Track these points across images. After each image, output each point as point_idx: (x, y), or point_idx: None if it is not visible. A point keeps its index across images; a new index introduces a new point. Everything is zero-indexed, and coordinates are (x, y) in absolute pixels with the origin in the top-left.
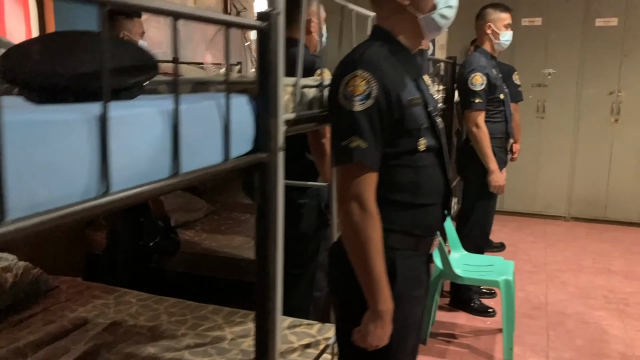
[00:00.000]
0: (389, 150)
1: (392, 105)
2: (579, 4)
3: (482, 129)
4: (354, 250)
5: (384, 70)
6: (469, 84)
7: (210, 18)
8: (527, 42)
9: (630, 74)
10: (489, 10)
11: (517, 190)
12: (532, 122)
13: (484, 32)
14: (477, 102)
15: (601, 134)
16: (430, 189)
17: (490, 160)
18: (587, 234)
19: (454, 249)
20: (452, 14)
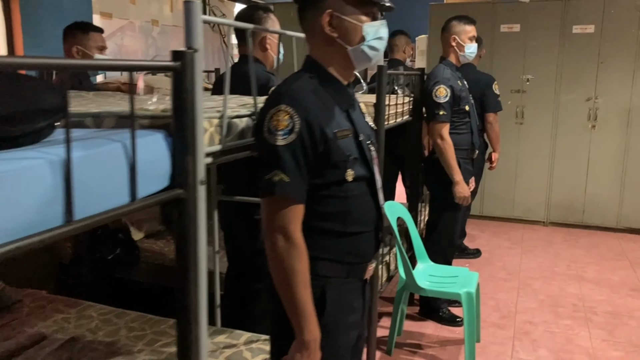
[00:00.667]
0: (317, 182)
1: (316, 139)
2: (557, 11)
3: (447, 141)
4: (280, 281)
5: (309, 105)
6: (433, 96)
7: (113, 65)
8: (506, 48)
9: (606, 80)
10: (454, 22)
11: (496, 195)
12: (511, 128)
13: (449, 44)
14: (441, 114)
15: (579, 140)
16: (361, 217)
17: (455, 171)
18: (563, 239)
19: (420, 259)
20: (382, 45)
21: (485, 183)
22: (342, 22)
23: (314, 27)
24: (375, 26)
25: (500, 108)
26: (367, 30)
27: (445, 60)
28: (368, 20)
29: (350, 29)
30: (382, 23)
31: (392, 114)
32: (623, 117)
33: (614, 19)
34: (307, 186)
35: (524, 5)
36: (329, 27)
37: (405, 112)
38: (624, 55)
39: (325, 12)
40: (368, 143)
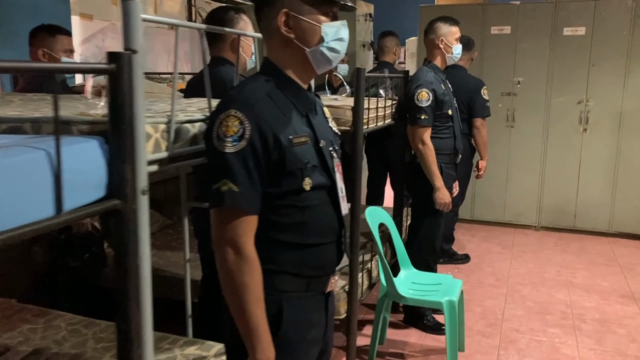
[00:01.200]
0: (272, 191)
1: (269, 146)
2: (547, 13)
3: (428, 146)
4: (231, 297)
5: (261, 110)
6: (414, 99)
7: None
8: (497, 51)
9: (597, 83)
10: (439, 24)
11: (487, 199)
12: (502, 131)
13: (435, 46)
14: (422, 119)
15: (570, 143)
16: (321, 227)
17: (436, 177)
18: (555, 244)
19: (403, 266)
20: (342, 47)
21: (476, 187)
22: (299, 22)
23: (270, 28)
24: (335, 27)
25: (488, 114)
26: (326, 30)
27: (429, 63)
28: (327, 20)
29: (307, 29)
30: (343, 23)
31: (373, 118)
32: (614, 120)
33: (605, 21)
34: (260, 196)
35: (514, 7)
36: (285, 27)
37: (387, 115)
38: (615, 57)
39: (280, 12)
40: (330, 150)
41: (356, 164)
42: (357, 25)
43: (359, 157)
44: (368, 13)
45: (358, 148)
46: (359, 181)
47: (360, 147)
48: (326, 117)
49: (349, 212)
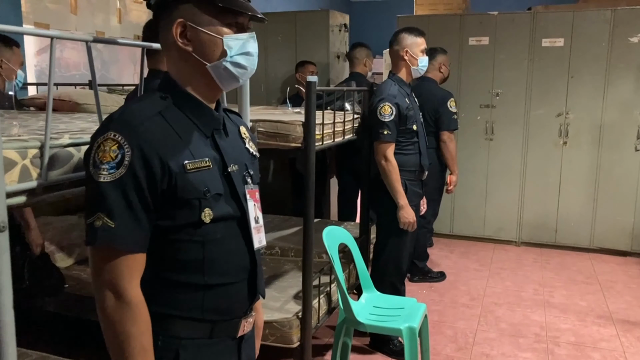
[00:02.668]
0: (165, 224)
1: (155, 174)
2: (525, 24)
3: (391, 162)
4: (111, 348)
5: (146, 132)
6: (377, 114)
7: None
8: (475, 62)
9: (577, 95)
10: (404, 34)
11: (466, 213)
12: (481, 144)
13: (400, 57)
14: (385, 134)
15: (550, 156)
16: (227, 265)
17: (399, 195)
18: (534, 260)
19: (365, 289)
20: (250, 62)
21: (455, 201)
22: (197, 33)
23: (167, 39)
24: (241, 39)
25: (455, 127)
26: (229, 44)
27: (394, 75)
28: (230, 32)
29: (207, 42)
30: (251, 36)
31: (329, 133)
32: (594, 133)
33: (583, 32)
34: (146, 231)
35: (492, 18)
36: (181, 39)
37: (348, 130)
38: (594, 69)
39: (176, 22)
40: (245, 174)
41: (308, 183)
42: (331, 35)
43: (311, 176)
44: (343, 23)
45: (310, 166)
46: (310, 200)
47: (312, 166)
48: (242, 137)
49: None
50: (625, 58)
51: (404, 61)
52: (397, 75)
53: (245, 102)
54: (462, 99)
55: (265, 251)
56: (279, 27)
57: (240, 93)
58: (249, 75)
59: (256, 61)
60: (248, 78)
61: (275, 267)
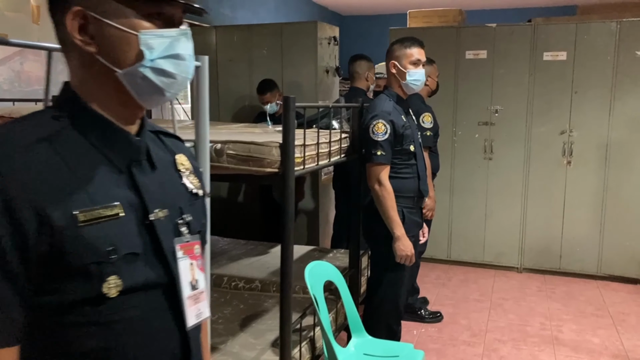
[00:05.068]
0: (49, 300)
1: (26, 232)
2: (526, 36)
3: (386, 187)
4: None
5: (17, 168)
6: (370, 132)
7: None
8: (472, 77)
9: (581, 112)
10: (394, 46)
11: (464, 237)
12: (480, 164)
13: (390, 71)
14: (379, 155)
15: (553, 177)
16: (143, 354)
17: (395, 224)
18: (539, 289)
19: (355, 333)
20: (180, 68)
21: (453, 224)
22: (102, 28)
23: (63, 37)
24: (166, 37)
25: (427, 143)
26: (149, 42)
27: (388, 90)
28: (151, 26)
29: (116, 40)
30: (182, 33)
31: (313, 155)
32: (600, 151)
33: (587, 45)
34: (19, 313)
35: (490, 30)
36: (80, 36)
37: (336, 151)
38: (599, 84)
39: (71, 12)
40: (179, 222)
41: (287, 214)
42: (319, 49)
43: (290, 206)
44: (332, 36)
45: (288, 194)
46: (289, 233)
47: (291, 193)
48: (178, 170)
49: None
50: (632, 72)
51: (393, 75)
52: (392, 90)
53: (203, 119)
54: (459, 115)
55: (244, 285)
56: (264, 39)
57: (196, 107)
58: (180, 86)
59: (191, 67)
60: (179, 91)
61: (255, 304)
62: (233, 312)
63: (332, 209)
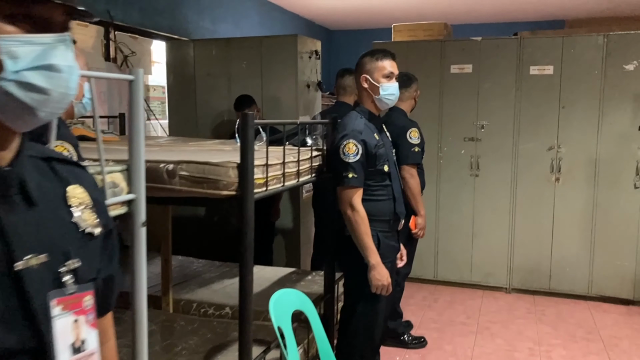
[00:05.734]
0: None
1: None
2: (512, 50)
3: (359, 211)
4: None
5: None
6: (340, 153)
7: None
8: (457, 92)
9: (569, 127)
10: (365, 59)
11: (451, 257)
12: (466, 181)
13: (361, 86)
14: (350, 177)
15: (542, 194)
16: None
17: (370, 251)
18: (528, 310)
19: None
20: (54, 82)
21: (439, 243)
22: None
23: None
24: (36, 44)
25: (415, 160)
26: (10, 49)
27: (360, 106)
28: (17, 31)
29: None
30: (59, 39)
31: (278, 176)
32: (589, 168)
33: (574, 59)
34: None
35: (475, 44)
36: None
37: (306, 171)
38: (587, 98)
39: None
40: (61, 271)
41: (245, 241)
42: (300, 63)
43: (248, 231)
44: (314, 50)
45: (247, 219)
46: (248, 262)
47: (250, 218)
48: (68, 204)
49: None
50: (620, 87)
51: (365, 90)
52: (364, 107)
53: (137, 138)
54: (445, 131)
55: (214, 312)
56: (243, 53)
57: (130, 125)
58: (59, 104)
59: (72, 81)
60: (59, 110)
61: (223, 333)
62: (199, 342)
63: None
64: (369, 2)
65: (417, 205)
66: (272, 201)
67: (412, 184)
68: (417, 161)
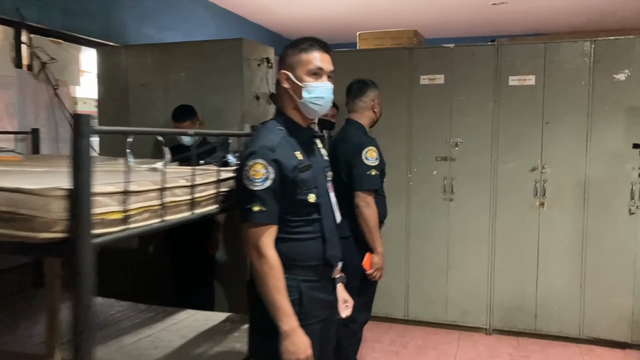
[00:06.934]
0: None
1: None
2: (489, 58)
3: (267, 258)
4: None
5: None
6: (243, 177)
7: None
8: (428, 105)
9: (554, 145)
10: (287, 50)
11: (424, 293)
12: (439, 205)
13: (281, 87)
14: (255, 211)
15: (525, 221)
16: None
17: (281, 313)
18: (510, 355)
19: None
20: None
21: (410, 277)
22: None
23: None
24: None
25: (371, 186)
26: None
27: (281, 116)
28: None
29: None
30: None
31: (155, 208)
32: (578, 192)
33: (558, 68)
34: None
35: (448, 51)
36: None
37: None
38: (573, 113)
39: None
40: None
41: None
42: (247, 71)
43: (84, 291)
44: (265, 57)
45: (83, 274)
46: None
47: (87, 273)
48: None
49: None
50: (610, 99)
51: (286, 92)
52: (286, 114)
53: None
54: (415, 149)
55: None
56: (182, 60)
57: None
58: None
59: None
60: None
61: None
62: None
63: None
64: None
65: (373, 240)
66: (210, 230)
67: (367, 214)
68: (374, 186)
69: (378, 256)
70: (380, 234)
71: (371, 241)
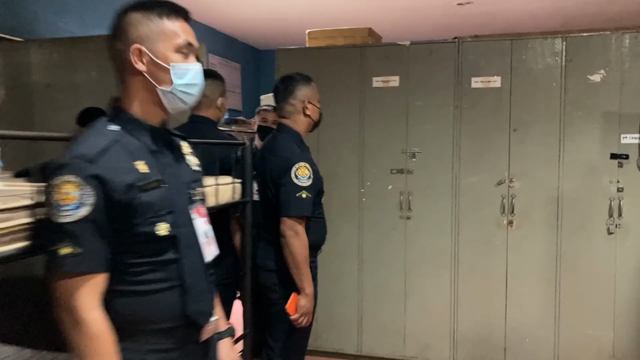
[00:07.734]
0: None
1: None
2: (449, 57)
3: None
4: None
5: None
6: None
7: None
8: (381, 110)
9: (522, 155)
10: (133, 14)
11: (379, 325)
12: (395, 224)
13: (125, 67)
14: (63, 255)
15: (491, 241)
16: None
17: None
18: None
19: None
20: None
21: (363, 307)
22: None
23: None
24: None
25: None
26: None
27: (116, 112)
28: None
29: None
30: None
31: None
32: (550, 208)
33: (526, 69)
34: None
35: (403, 50)
36: None
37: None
38: (544, 118)
39: None
40: None
41: None
42: None
43: None
44: None
45: None
46: None
47: None
48: None
49: None
50: (584, 103)
51: (135, 74)
52: (126, 111)
53: None
54: (367, 161)
55: None
56: (93, 57)
57: None
58: None
59: None
60: None
61: None
62: None
63: None
64: (289, 13)
65: (301, 278)
66: None
67: (295, 246)
68: (304, 212)
69: (306, 298)
70: (315, 264)
71: (298, 279)
